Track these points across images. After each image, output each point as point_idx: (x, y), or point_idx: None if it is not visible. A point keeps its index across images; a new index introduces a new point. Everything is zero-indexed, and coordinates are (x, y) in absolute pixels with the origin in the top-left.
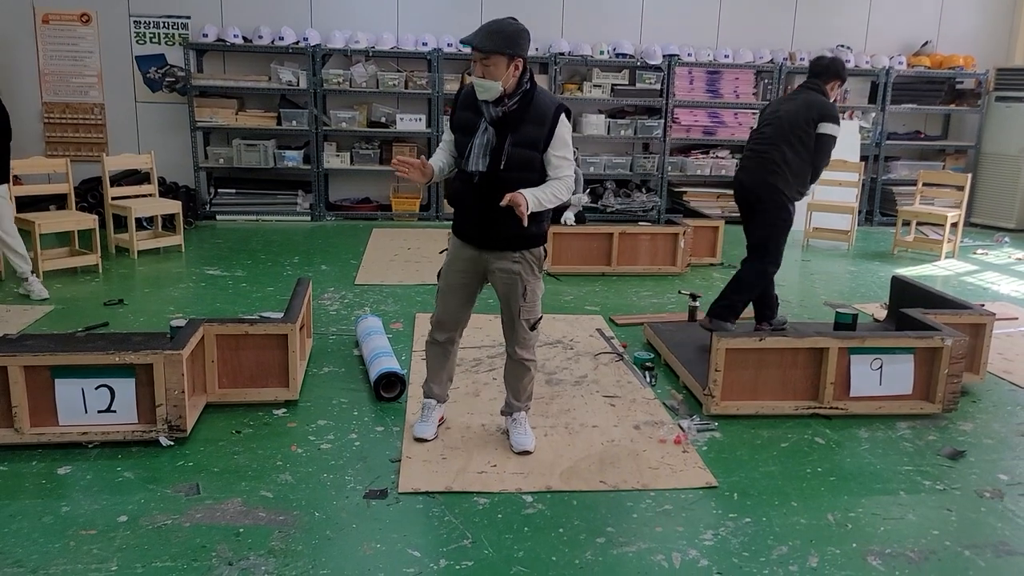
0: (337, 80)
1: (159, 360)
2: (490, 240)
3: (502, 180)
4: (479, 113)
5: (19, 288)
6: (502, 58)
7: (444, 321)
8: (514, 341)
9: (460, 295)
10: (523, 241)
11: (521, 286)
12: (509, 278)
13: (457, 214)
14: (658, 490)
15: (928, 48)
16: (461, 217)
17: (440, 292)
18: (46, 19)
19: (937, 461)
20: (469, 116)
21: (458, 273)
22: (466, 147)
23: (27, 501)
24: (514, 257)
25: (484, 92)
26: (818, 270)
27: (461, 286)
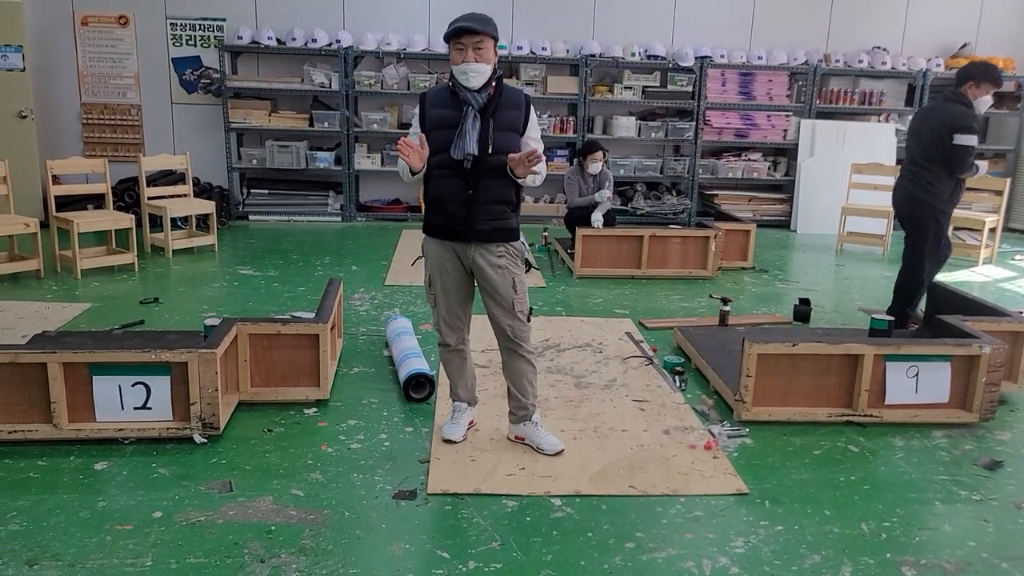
0: (369, 82)
1: (194, 358)
2: (476, 231)
3: (489, 165)
4: (455, 106)
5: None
6: (491, 41)
7: (450, 323)
8: (513, 336)
9: (458, 294)
10: (504, 234)
11: (510, 279)
12: (497, 273)
13: (437, 212)
14: (688, 496)
15: (967, 50)
16: (442, 213)
17: (436, 299)
18: (85, 21)
19: (974, 471)
20: (444, 112)
21: (448, 273)
22: (443, 140)
23: (65, 496)
24: (498, 252)
25: (476, 77)
26: (853, 275)
27: (455, 285)
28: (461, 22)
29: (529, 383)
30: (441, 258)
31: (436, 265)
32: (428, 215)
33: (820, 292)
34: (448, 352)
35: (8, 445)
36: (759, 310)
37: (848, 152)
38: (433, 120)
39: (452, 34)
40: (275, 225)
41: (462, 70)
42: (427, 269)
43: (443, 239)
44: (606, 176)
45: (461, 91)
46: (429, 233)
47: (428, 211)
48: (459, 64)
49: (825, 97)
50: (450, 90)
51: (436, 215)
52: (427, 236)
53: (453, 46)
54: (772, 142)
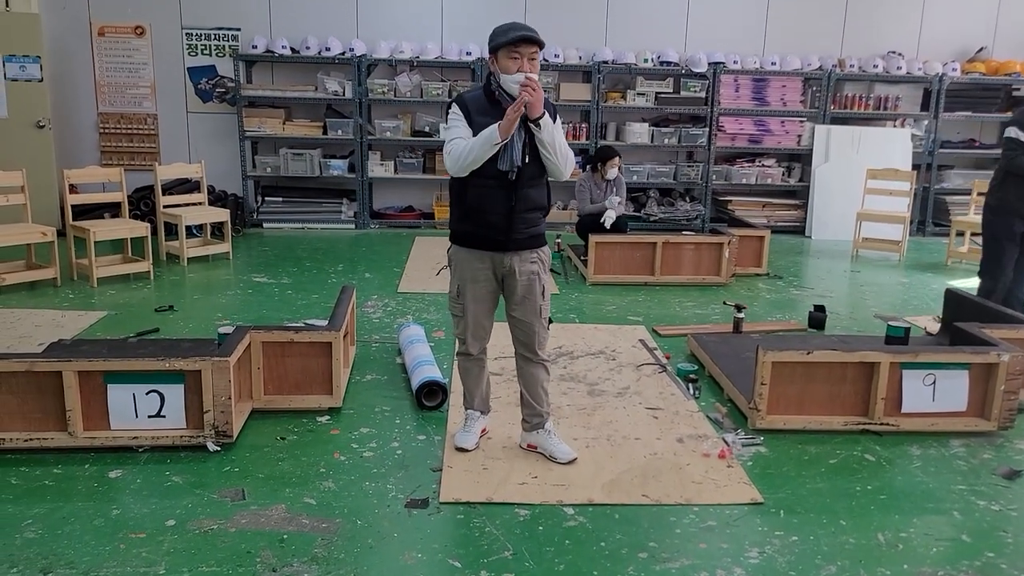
0: (382, 89)
1: (207, 367)
2: (514, 240)
3: (529, 174)
4: (498, 116)
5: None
6: (540, 52)
7: (475, 333)
8: (534, 343)
9: (486, 304)
10: (537, 240)
11: (540, 285)
12: (529, 279)
13: (474, 222)
14: (702, 505)
15: (983, 54)
16: (481, 224)
17: (464, 308)
18: (102, 32)
19: (992, 480)
20: (487, 120)
21: (479, 283)
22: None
23: (79, 503)
24: (531, 258)
25: (516, 85)
26: (868, 281)
27: (486, 295)
28: (522, 31)
29: (544, 390)
30: (474, 268)
31: (468, 275)
32: (462, 225)
33: (835, 299)
34: (469, 361)
35: (24, 453)
36: (773, 317)
37: (863, 157)
38: (479, 128)
39: (511, 42)
40: (289, 233)
41: (513, 79)
42: (455, 279)
43: (479, 248)
44: (620, 182)
45: (506, 101)
46: (462, 243)
47: (463, 221)
48: (514, 73)
49: (840, 102)
50: (491, 98)
51: (473, 225)
52: (458, 246)
53: (507, 54)
54: (786, 148)
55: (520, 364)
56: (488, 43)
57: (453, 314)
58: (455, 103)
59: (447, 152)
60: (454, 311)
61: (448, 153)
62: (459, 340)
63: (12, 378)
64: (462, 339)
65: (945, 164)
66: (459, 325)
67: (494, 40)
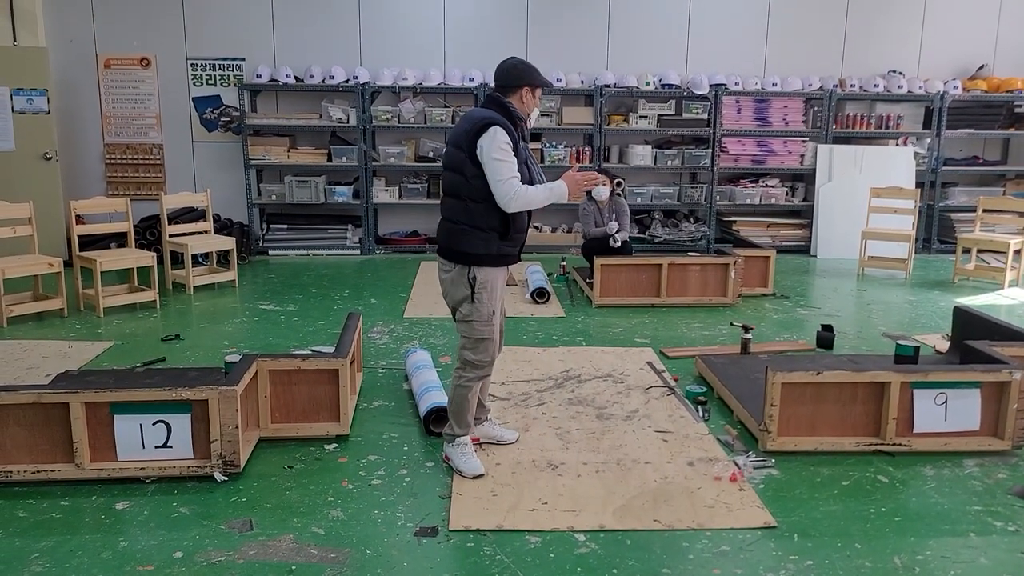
0: (386, 116)
1: (214, 396)
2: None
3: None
4: (517, 142)
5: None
6: None
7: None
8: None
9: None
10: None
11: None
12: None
13: (514, 242)
14: (714, 530)
15: (984, 72)
16: (518, 243)
17: (497, 329)
18: (108, 64)
19: (1008, 501)
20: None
21: (501, 302)
22: (525, 175)
23: (87, 536)
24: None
25: (535, 120)
26: (875, 300)
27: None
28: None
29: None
30: (501, 284)
31: (500, 294)
32: (502, 247)
33: (843, 318)
34: (484, 382)
35: (31, 485)
36: (781, 337)
37: (866, 176)
38: (519, 155)
39: (543, 84)
40: (295, 259)
41: (536, 115)
42: (489, 302)
43: (506, 265)
44: (622, 207)
45: (525, 129)
46: (499, 264)
47: (502, 242)
48: (535, 108)
49: (842, 122)
50: (514, 124)
51: (513, 245)
52: (492, 268)
53: (534, 92)
54: (789, 168)
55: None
56: (527, 76)
57: (483, 337)
58: (504, 130)
59: (513, 192)
60: (483, 335)
61: (513, 194)
62: (480, 365)
63: (20, 410)
64: (487, 361)
65: (949, 181)
66: (487, 348)
67: (538, 78)
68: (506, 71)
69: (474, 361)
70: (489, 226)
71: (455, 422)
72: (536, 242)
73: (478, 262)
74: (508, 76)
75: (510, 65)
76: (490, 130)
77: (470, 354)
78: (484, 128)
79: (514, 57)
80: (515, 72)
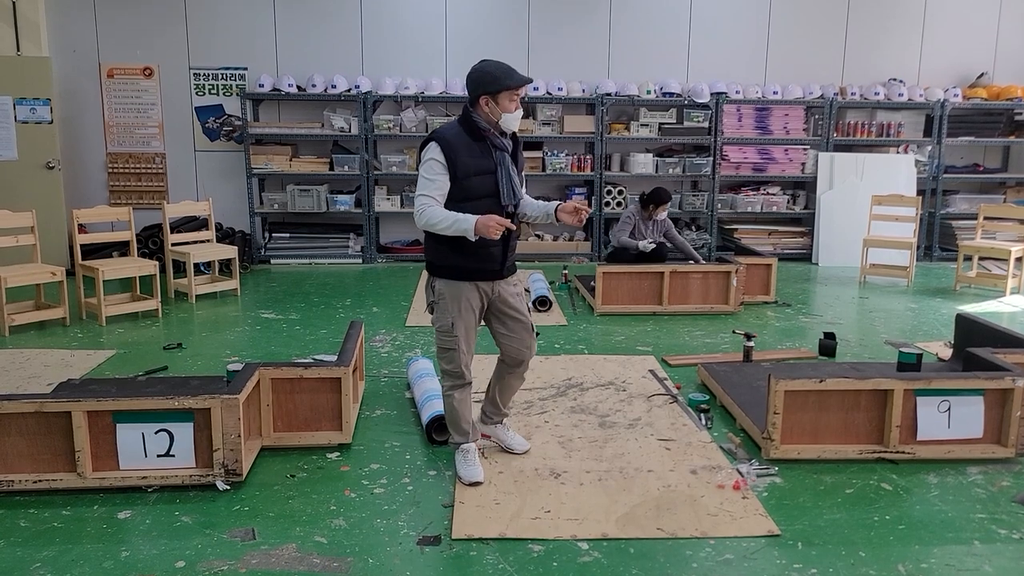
0: (388, 125)
1: (216, 405)
2: (506, 268)
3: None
4: (483, 153)
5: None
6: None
7: (468, 361)
8: (528, 352)
9: (474, 332)
10: (515, 266)
11: (525, 301)
12: (517, 299)
13: (472, 256)
14: (718, 538)
15: (984, 80)
16: (480, 257)
17: (462, 339)
18: (111, 73)
19: (1012, 508)
20: (477, 159)
21: (472, 312)
22: (484, 187)
23: (88, 545)
24: (514, 281)
25: (515, 123)
26: (877, 307)
27: (474, 324)
28: (522, 76)
29: (513, 396)
30: (469, 298)
31: (463, 305)
32: (457, 260)
33: (845, 325)
34: (465, 391)
35: (33, 495)
36: (783, 345)
37: (867, 184)
38: (467, 167)
39: (516, 84)
40: (296, 268)
41: (515, 117)
42: (449, 314)
43: (472, 280)
44: (667, 224)
45: (495, 138)
46: (459, 277)
47: (458, 256)
48: (512, 112)
49: (842, 130)
50: (474, 136)
51: (471, 259)
52: (448, 280)
53: (509, 96)
54: (790, 175)
55: (504, 374)
56: (481, 85)
57: (446, 348)
58: (437, 143)
59: (419, 209)
60: (447, 345)
61: (420, 212)
62: (453, 374)
63: (21, 419)
64: (457, 372)
65: (950, 189)
66: (454, 359)
67: (496, 83)
68: (467, 81)
69: (446, 370)
70: (441, 238)
71: (452, 430)
72: (538, 250)
73: (436, 272)
74: (468, 85)
75: (469, 73)
76: (427, 145)
77: (442, 363)
78: (425, 143)
79: (482, 61)
80: (470, 82)
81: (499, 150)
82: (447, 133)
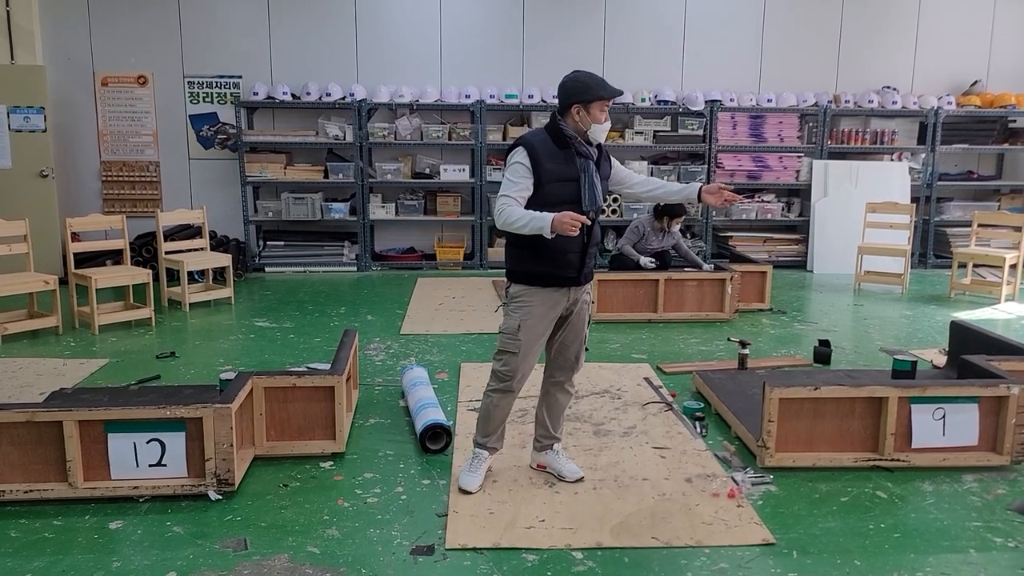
0: (382, 133)
1: (209, 414)
2: (587, 275)
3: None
4: (568, 160)
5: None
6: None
7: (527, 373)
8: (574, 369)
9: (543, 341)
10: (592, 273)
11: (588, 313)
12: (582, 308)
13: (552, 262)
14: (713, 547)
15: (978, 87)
16: (559, 263)
17: (524, 345)
18: (105, 82)
19: (1008, 516)
20: (559, 166)
21: (545, 322)
22: (565, 193)
23: (79, 556)
24: (587, 288)
25: (603, 133)
26: (872, 315)
27: (544, 332)
28: (613, 88)
29: (563, 416)
30: (545, 306)
31: (537, 312)
32: (537, 265)
33: (839, 333)
34: (508, 398)
35: (24, 505)
36: (778, 352)
37: (862, 191)
38: (551, 174)
39: (609, 95)
40: (291, 276)
41: (604, 128)
42: (517, 317)
43: (552, 286)
44: (676, 235)
45: (581, 146)
46: (534, 283)
47: (538, 261)
48: (602, 123)
49: (836, 137)
50: (560, 143)
51: (551, 265)
52: (527, 286)
53: (600, 106)
54: (785, 183)
55: (550, 389)
56: (575, 94)
57: (506, 351)
58: (524, 147)
59: (500, 208)
60: (507, 348)
61: (500, 211)
62: (502, 376)
63: (13, 428)
64: (508, 375)
65: (944, 196)
66: (509, 362)
67: (589, 93)
68: (559, 90)
69: (497, 372)
70: (519, 243)
71: (478, 427)
72: None
73: (512, 277)
74: (559, 95)
75: (562, 83)
76: (514, 150)
77: (496, 363)
78: (512, 147)
79: (576, 71)
80: (563, 91)
81: (583, 158)
82: (533, 139)
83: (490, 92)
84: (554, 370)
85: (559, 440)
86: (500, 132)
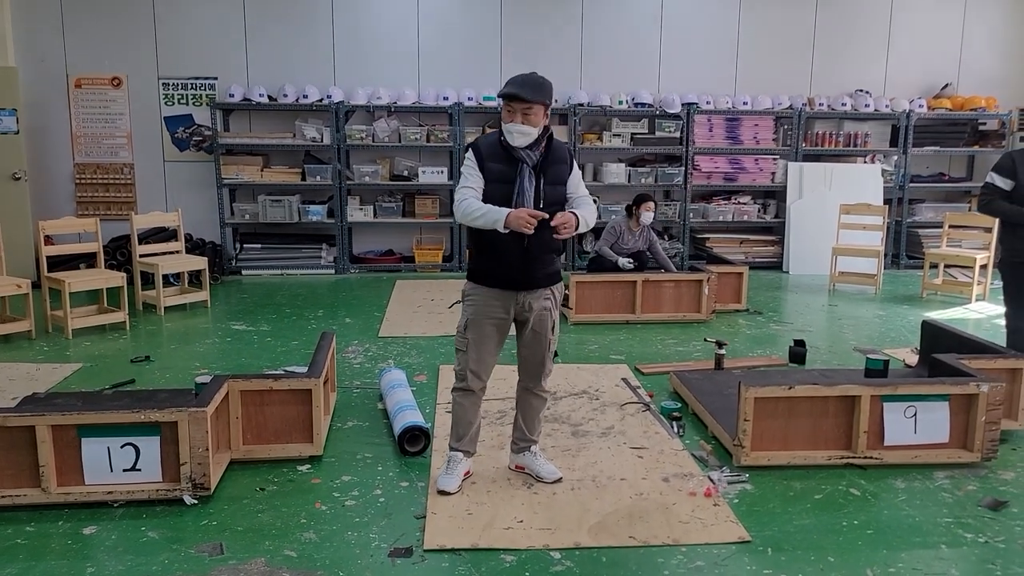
0: (360, 135)
1: (183, 418)
2: (532, 280)
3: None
4: (510, 161)
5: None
6: (541, 107)
7: (479, 371)
8: (541, 376)
9: (494, 341)
10: (552, 278)
11: (551, 321)
12: (542, 315)
13: (492, 261)
14: (689, 545)
15: (948, 90)
16: (498, 263)
17: (472, 343)
18: (79, 83)
19: (978, 512)
20: (500, 167)
21: (492, 320)
22: (499, 195)
23: (53, 562)
24: (546, 295)
25: (523, 137)
26: (846, 315)
27: (494, 332)
28: (511, 88)
29: (539, 420)
30: (489, 305)
31: (481, 311)
32: (480, 263)
33: (814, 333)
34: (466, 397)
35: None
36: (754, 352)
37: (836, 193)
38: (491, 174)
39: (502, 94)
40: (268, 279)
41: (508, 130)
42: (465, 314)
43: (496, 287)
44: (652, 237)
45: (515, 150)
46: (479, 281)
47: (480, 259)
48: (508, 123)
49: (811, 140)
50: (502, 144)
51: (491, 264)
52: (475, 284)
53: (504, 106)
54: (761, 185)
55: (521, 393)
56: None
57: (457, 348)
58: (471, 149)
59: (457, 201)
60: (459, 345)
61: (458, 204)
62: (458, 375)
63: None
64: (462, 374)
65: (916, 198)
66: (461, 360)
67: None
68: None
69: (455, 370)
70: (471, 239)
71: (451, 430)
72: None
73: (468, 275)
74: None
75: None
76: (467, 151)
77: (455, 362)
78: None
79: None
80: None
81: (519, 161)
82: (483, 141)
83: (468, 94)
84: (523, 375)
85: (536, 443)
86: (478, 134)
